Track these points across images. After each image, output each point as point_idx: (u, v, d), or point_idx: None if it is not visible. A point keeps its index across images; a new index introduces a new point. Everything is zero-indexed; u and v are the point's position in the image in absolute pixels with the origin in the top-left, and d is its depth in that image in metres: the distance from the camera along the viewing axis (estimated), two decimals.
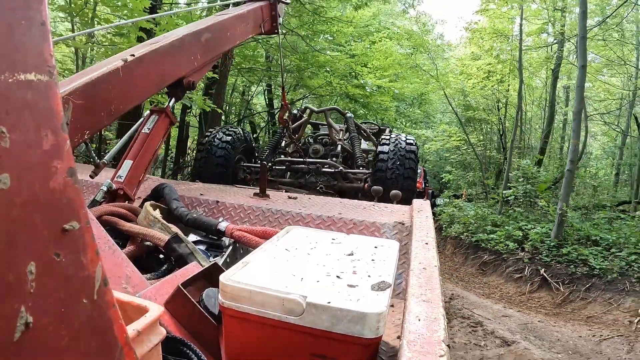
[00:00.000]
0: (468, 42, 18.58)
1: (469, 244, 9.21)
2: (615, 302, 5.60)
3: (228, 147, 4.78)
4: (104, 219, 1.69)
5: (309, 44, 11.91)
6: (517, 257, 7.52)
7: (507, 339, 4.45)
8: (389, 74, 16.24)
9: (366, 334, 0.89)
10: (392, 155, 4.33)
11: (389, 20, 20.40)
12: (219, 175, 4.61)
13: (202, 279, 1.23)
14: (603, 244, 7.26)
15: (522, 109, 15.02)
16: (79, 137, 1.70)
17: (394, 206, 2.53)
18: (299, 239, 1.40)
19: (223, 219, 1.96)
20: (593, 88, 16.08)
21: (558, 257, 7.11)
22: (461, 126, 17.41)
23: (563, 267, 6.77)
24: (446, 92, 17.08)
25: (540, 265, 7.01)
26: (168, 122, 2.33)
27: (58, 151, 0.42)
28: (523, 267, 7.18)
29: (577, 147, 8.40)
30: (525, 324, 5.20)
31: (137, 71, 1.97)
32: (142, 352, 0.71)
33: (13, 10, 0.38)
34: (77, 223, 0.43)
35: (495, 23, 15.55)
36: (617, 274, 6.19)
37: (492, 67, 16.14)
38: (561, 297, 6.26)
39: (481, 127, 18.52)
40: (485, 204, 13.09)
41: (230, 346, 1.04)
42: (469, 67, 17.09)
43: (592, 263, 6.59)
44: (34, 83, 0.40)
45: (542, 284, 6.65)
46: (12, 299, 0.37)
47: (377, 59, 15.41)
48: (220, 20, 2.68)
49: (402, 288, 1.64)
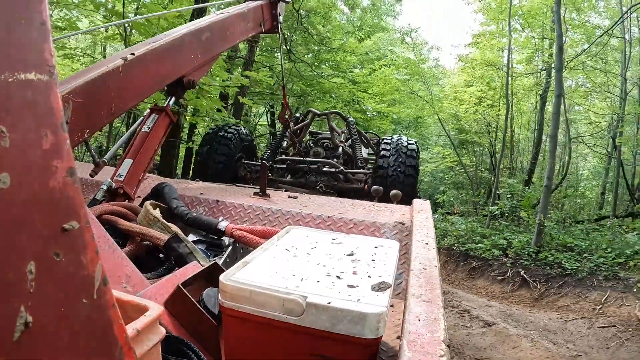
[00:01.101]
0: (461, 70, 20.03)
1: (460, 253, 10.09)
2: (583, 295, 6.56)
3: (230, 144, 4.79)
4: (103, 218, 1.69)
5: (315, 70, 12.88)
6: (502, 262, 8.63)
7: (489, 321, 5.39)
8: (387, 99, 17.46)
9: (366, 334, 0.89)
10: (394, 152, 4.35)
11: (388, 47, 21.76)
12: (220, 172, 4.61)
13: (202, 278, 1.22)
14: (577, 250, 8.37)
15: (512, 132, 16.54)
16: (79, 136, 1.70)
17: (394, 206, 2.53)
18: (299, 238, 1.40)
19: (223, 219, 1.96)
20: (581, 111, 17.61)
21: (537, 261, 8.19)
22: (454, 149, 18.77)
23: (540, 269, 7.83)
24: (440, 116, 18.47)
25: (521, 268, 8.07)
26: (168, 121, 2.33)
27: (58, 150, 0.42)
28: (506, 270, 8.27)
29: (553, 167, 9.77)
30: (504, 311, 6.12)
31: (137, 70, 1.96)
32: (142, 352, 0.71)
33: (13, 10, 0.38)
34: (77, 222, 0.43)
35: (486, 54, 17.25)
36: (586, 273, 7.19)
37: (484, 94, 17.45)
38: (537, 293, 7.24)
39: (473, 149, 19.88)
40: (475, 219, 14.24)
41: (230, 346, 1.04)
42: (462, 94, 18.41)
43: (565, 265, 7.60)
44: (34, 83, 0.40)
45: (522, 283, 7.67)
46: (12, 299, 0.37)
47: (377, 86, 16.55)
48: (220, 18, 2.68)
49: (402, 288, 1.64)
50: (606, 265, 7.38)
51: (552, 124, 9.89)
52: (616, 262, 7.44)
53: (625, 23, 13.67)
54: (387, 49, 21.18)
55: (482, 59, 17.13)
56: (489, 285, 8.12)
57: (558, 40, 10.07)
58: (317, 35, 12.75)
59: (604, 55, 15.31)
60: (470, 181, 18.39)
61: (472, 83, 18.55)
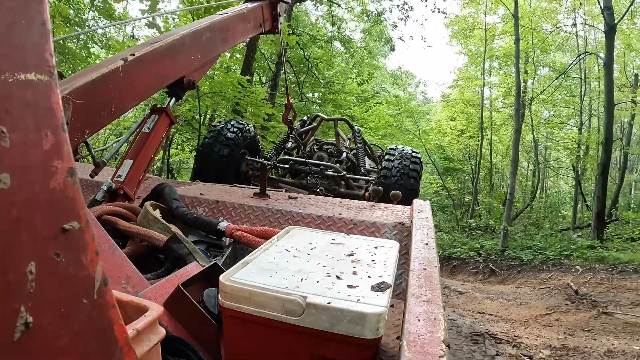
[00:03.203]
0: (444, 108, 23.76)
1: (443, 257, 12.03)
2: (534, 276, 9.12)
3: (235, 138, 4.78)
4: (104, 219, 1.69)
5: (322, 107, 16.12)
6: (476, 260, 11.23)
7: (462, 291, 7.47)
8: (381, 132, 20.30)
9: (366, 334, 0.89)
10: (399, 157, 4.39)
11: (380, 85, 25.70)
12: (223, 165, 4.59)
13: (202, 279, 1.22)
14: (534, 248, 10.86)
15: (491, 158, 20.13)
16: (79, 137, 1.70)
17: (394, 206, 2.53)
18: (299, 239, 1.40)
19: (223, 219, 1.96)
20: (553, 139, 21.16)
21: (502, 257, 10.93)
22: (439, 175, 21.90)
23: (505, 262, 10.53)
24: (427, 147, 21.43)
25: (490, 262, 10.78)
26: (168, 121, 2.33)
27: (58, 151, 0.42)
28: (479, 265, 10.89)
29: (514, 185, 13.17)
30: (475, 287, 8.45)
31: (138, 71, 1.96)
32: (142, 352, 0.71)
33: (13, 10, 0.38)
34: (77, 223, 0.43)
35: (465, 93, 21.04)
36: (539, 262, 9.79)
37: (464, 127, 20.53)
38: (501, 278, 9.91)
39: (457, 175, 23.16)
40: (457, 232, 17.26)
41: (230, 346, 1.04)
42: (445, 127, 21.56)
43: (523, 258, 10.30)
44: (34, 83, 0.40)
45: (490, 273, 10.28)
46: (12, 299, 0.37)
47: (372, 121, 19.72)
48: (220, 19, 2.68)
49: (402, 288, 1.64)
50: (554, 256, 9.88)
51: (513, 151, 13.14)
52: (563, 254, 9.90)
53: (580, 65, 17.03)
54: (380, 87, 25.10)
55: (462, 98, 20.71)
56: (466, 277, 10.44)
57: (517, 86, 13.28)
58: (323, 79, 16.36)
59: (570, 91, 18.87)
60: (452, 201, 21.53)
61: (454, 118, 21.61)
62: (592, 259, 9.09)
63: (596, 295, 6.64)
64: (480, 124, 18.31)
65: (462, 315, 5.60)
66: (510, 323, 5.35)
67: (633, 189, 21.09)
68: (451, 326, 4.74)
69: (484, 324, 5.13)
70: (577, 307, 6.09)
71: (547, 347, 3.95)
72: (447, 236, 14.99)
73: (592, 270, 8.36)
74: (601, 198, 11.75)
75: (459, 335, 4.48)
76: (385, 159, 4.45)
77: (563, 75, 16.05)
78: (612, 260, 8.65)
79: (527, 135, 19.80)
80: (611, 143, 12.11)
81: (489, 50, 18.77)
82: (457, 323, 4.95)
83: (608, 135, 11.84)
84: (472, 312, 6.01)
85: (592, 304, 6.13)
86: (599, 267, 8.46)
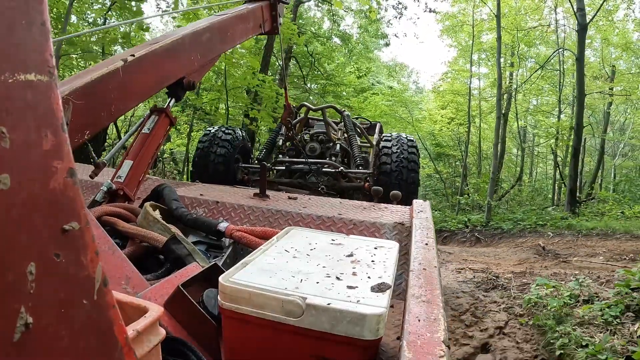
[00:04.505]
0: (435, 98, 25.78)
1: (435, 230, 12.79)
2: (512, 242, 10.36)
3: (228, 145, 4.78)
4: (103, 220, 1.69)
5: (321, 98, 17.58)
6: (464, 231, 12.63)
7: (451, 252, 8.75)
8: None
9: (366, 335, 0.89)
10: (396, 150, 4.37)
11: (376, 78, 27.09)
12: (219, 173, 4.61)
13: (202, 279, 1.22)
14: (514, 220, 12.50)
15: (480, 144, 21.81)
16: (79, 138, 1.70)
17: (393, 207, 2.53)
18: (298, 239, 1.40)
19: (223, 220, 1.96)
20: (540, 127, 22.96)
21: (486, 228, 12.47)
22: (431, 160, 23.66)
23: (489, 232, 12.01)
24: (419, 134, 22.94)
25: (476, 232, 12.19)
26: (168, 122, 2.33)
27: (58, 151, 0.42)
28: (466, 235, 12.29)
29: (496, 165, 15.18)
30: (463, 249, 10.00)
31: (137, 71, 1.96)
32: (142, 353, 0.71)
33: (13, 10, 0.38)
34: (77, 223, 0.43)
35: (454, 84, 22.71)
36: (517, 231, 11.22)
37: (454, 115, 22.26)
38: (485, 244, 11.20)
39: (449, 160, 25.16)
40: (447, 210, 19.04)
41: (229, 347, 1.04)
42: (436, 115, 23.57)
43: (504, 228, 11.80)
44: (34, 83, 0.40)
45: (476, 241, 11.57)
46: (12, 300, 0.37)
47: (369, 110, 20.36)
48: (220, 20, 2.68)
49: (402, 289, 1.64)
50: (531, 226, 11.36)
51: (495, 136, 14.95)
52: (538, 224, 11.37)
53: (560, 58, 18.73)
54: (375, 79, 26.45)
55: (451, 89, 22.41)
56: (455, 246, 11.71)
57: (498, 79, 15.08)
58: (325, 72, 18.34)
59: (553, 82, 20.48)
60: (444, 184, 23.23)
61: (444, 107, 23.32)
62: (562, 227, 10.65)
63: (560, 251, 8.08)
64: (468, 110, 19.94)
65: (450, 262, 7.08)
66: (487, 264, 6.74)
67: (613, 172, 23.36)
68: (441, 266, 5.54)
69: (467, 264, 6.55)
70: (543, 259, 7.36)
71: (510, 273, 5.33)
72: (439, 213, 16.84)
73: (560, 235, 9.92)
74: (573, 177, 13.30)
75: (447, 270, 5.89)
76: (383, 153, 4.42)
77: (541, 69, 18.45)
78: (579, 227, 10.23)
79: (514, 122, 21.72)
80: (582, 129, 13.71)
81: (478, 43, 20.19)
82: (445, 266, 6.36)
83: (579, 121, 13.25)
84: (458, 261, 7.47)
85: (555, 256, 7.47)
86: (567, 233, 10.01)
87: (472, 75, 20.98)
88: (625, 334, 2.79)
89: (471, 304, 4.05)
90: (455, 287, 4.72)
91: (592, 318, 3.13)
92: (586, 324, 3.09)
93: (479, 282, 4.82)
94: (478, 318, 3.71)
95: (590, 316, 3.15)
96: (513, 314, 3.71)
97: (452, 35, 22.36)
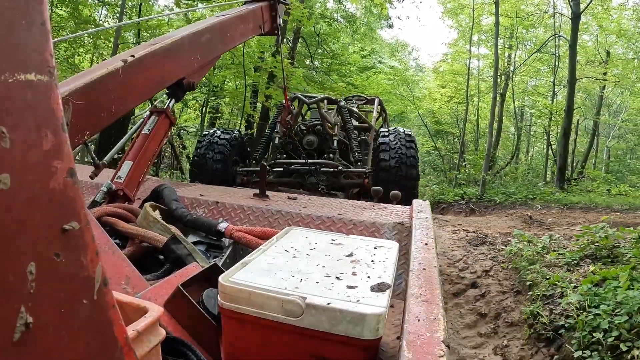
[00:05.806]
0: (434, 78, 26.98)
1: (433, 202, 14.07)
2: (503, 212, 11.01)
3: (227, 145, 4.78)
4: (103, 220, 1.69)
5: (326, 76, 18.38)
6: (460, 203, 13.55)
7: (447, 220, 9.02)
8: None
9: (366, 335, 0.89)
10: (394, 145, 4.36)
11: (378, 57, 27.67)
12: (218, 175, 4.61)
13: (202, 279, 1.22)
14: (507, 194, 13.43)
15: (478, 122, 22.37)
16: (79, 138, 1.70)
17: (393, 206, 2.53)
18: (298, 239, 1.40)
19: (223, 220, 1.96)
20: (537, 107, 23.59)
21: (481, 200, 13.19)
22: (430, 137, 24.60)
23: (483, 204, 12.79)
24: (420, 112, 24.46)
25: (471, 204, 13.02)
26: (168, 122, 2.33)
27: (58, 151, 0.42)
28: (462, 206, 13.17)
29: (491, 142, 15.56)
30: (458, 218, 10.47)
31: (137, 72, 1.96)
32: (142, 353, 0.71)
33: (13, 10, 0.38)
34: (77, 223, 0.43)
35: (454, 64, 23.58)
36: (509, 203, 11.98)
37: (453, 94, 23.08)
38: (479, 215, 11.81)
39: (447, 137, 25.94)
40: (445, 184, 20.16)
41: (229, 347, 1.04)
42: (435, 94, 24.35)
43: (497, 200, 12.57)
44: (34, 83, 0.40)
45: (471, 212, 12.37)
46: (12, 299, 0.37)
47: (372, 88, 20.95)
48: (220, 20, 2.68)
49: (402, 288, 1.64)
50: (521, 199, 12.24)
51: (491, 114, 15.41)
52: (529, 198, 12.29)
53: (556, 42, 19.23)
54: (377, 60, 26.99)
55: (451, 70, 23.25)
56: (451, 215, 12.43)
57: (495, 61, 15.78)
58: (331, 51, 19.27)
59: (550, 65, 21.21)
60: (442, 159, 24.43)
61: (444, 86, 24.14)
62: (550, 200, 11.55)
63: (545, 220, 8.85)
64: (466, 92, 20.92)
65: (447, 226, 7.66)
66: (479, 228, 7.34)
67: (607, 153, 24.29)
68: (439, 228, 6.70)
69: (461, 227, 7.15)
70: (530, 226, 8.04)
71: (497, 234, 5.92)
72: (437, 187, 18.12)
73: (548, 208, 10.79)
74: (562, 155, 14.30)
75: (443, 231, 6.42)
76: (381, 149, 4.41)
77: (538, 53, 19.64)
78: (565, 201, 11.11)
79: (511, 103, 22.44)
80: (572, 111, 14.78)
81: (478, 24, 20.82)
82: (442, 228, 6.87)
83: (569, 104, 14.25)
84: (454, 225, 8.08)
85: (540, 224, 8.23)
86: (554, 206, 10.90)
87: (471, 56, 21.72)
88: (581, 273, 3.58)
89: (463, 255, 4.72)
90: (450, 243, 5.37)
91: (557, 262, 3.95)
92: (552, 266, 3.89)
93: (471, 240, 5.57)
94: (469, 265, 4.42)
95: (556, 261, 3.97)
96: (497, 262, 4.42)
97: (453, 17, 22.87)
